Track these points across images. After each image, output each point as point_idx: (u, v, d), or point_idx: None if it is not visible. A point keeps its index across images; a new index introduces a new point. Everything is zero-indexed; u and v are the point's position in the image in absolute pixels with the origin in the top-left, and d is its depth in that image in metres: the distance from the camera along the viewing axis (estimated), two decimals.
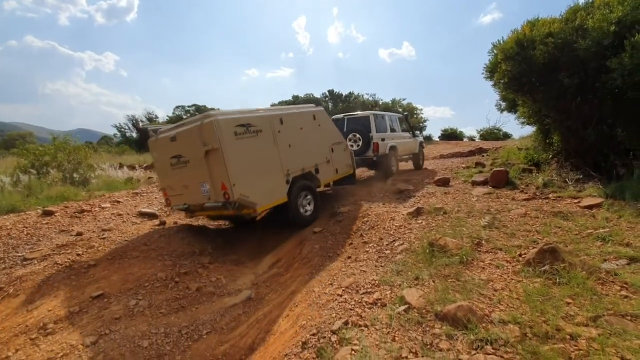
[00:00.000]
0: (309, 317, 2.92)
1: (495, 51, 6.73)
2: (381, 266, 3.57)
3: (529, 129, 9.41)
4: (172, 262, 4.84)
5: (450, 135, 31.39)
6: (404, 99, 37.18)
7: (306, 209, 6.00)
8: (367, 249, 4.24)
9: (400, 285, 2.98)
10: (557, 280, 2.66)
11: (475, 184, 6.84)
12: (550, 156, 7.27)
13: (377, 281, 3.18)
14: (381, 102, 37.62)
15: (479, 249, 3.51)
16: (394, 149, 9.31)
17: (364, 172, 10.14)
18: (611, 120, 5.76)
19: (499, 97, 8.16)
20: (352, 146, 8.46)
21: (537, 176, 6.40)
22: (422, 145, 11.57)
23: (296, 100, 36.54)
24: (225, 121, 4.72)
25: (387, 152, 8.98)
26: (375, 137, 8.66)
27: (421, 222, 4.69)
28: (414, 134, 11.13)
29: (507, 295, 2.56)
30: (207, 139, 4.65)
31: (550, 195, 5.32)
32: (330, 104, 38.59)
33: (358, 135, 8.69)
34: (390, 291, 2.93)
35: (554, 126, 6.91)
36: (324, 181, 6.55)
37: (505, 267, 3.05)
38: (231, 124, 4.79)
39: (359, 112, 9.56)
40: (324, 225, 5.63)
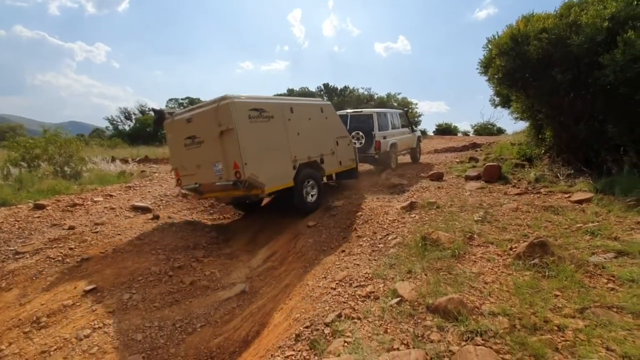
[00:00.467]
0: (303, 310, 2.95)
1: (490, 46, 6.75)
2: (375, 260, 3.61)
3: (522, 125, 9.51)
4: (165, 256, 4.83)
5: (445, 130, 31.51)
6: (399, 93, 37.17)
7: (310, 195, 6.23)
8: (360, 243, 4.28)
9: (393, 278, 3.02)
10: (547, 273, 2.71)
11: (468, 178, 6.90)
12: (543, 151, 7.35)
13: (370, 274, 3.21)
14: (376, 96, 37.56)
15: (470, 243, 3.55)
16: (394, 145, 9.60)
17: (361, 166, 10.20)
18: (602, 116, 5.82)
19: (493, 92, 8.19)
20: (354, 143, 8.57)
21: (529, 171, 6.48)
22: (419, 140, 11.90)
23: (291, 94, 36.32)
24: (240, 104, 4.97)
25: (388, 150, 9.27)
26: (378, 135, 8.93)
27: (415, 216, 4.73)
28: (413, 129, 11.43)
29: (497, 288, 2.61)
30: (223, 120, 4.89)
31: (542, 190, 5.39)
32: (325, 98, 38.45)
33: (361, 133, 8.96)
34: (383, 284, 2.96)
35: (547, 122, 6.97)
36: (328, 172, 6.81)
37: (496, 261, 3.10)
38: (246, 107, 5.05)
39: (363, 110, 9.78)
40: (318, 219, 5.65)
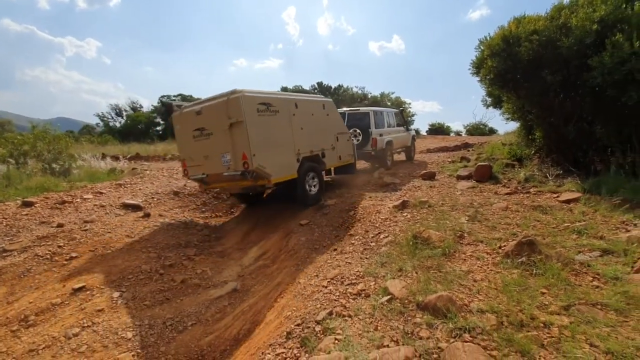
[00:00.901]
0: (294, 308, 2.96)
1: (482, 47, 6.81)
2: (366, 258, 3.63)
3: (513, 125, 9.65)
4: (156, 254, 4.80)
5: (438, 130, 31.75)
6: (392, 93, 37.28)
7: (312, 188, 6.49)
8: (352, 241, 4.29)
9: (384, 276, 3.04)
10: (534, 271, 2.76)
11: (460, 178, 6.97)
12: (533, 152, 7.45)
13: (361, 273, 3.23)
14: (370, 95, 37.64)
15: (461, 242, 3.59)
16: (390, 143, 9.86)
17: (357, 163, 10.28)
18: (591, 117, 5.92)
19: (485, 92, 8.27)
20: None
21: (519, 171, 6.57)
22: (414, 139, 12.24)
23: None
24: (250, 98, 5.21)
25: (384, 147, 9.52)
26: (375, 133, 9.19)
27: (406, 215, 4.76)
28: (407, 128, 11.77)
29: (486, 286, 2.64)
30: (233, 112, 5.10)
31: (531, 190, 5.47)
32: None
33: (358, 130, 9.17)
34: (374, 282, 2.98)
35: (537, 122, 7.07)
36: (328, 165, 7.09)
37: (486, 259, 3.14)
38: (254, 101, 5.30)
39: (360, 108, 10.05)
40: (310, 217, 5.66)
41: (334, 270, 3.51)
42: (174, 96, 36.19)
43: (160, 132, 33.56)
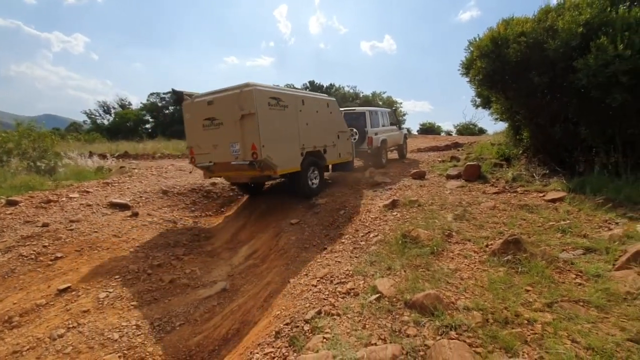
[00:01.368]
0: (284, 307, 2.96)
1: (471, 48, 6.89)
2: (356, 257, 3.64)
3: (502, 125, 9.81)
4: (144, 254, 4.74)
5: (428, 130, 32.05)
6: (384, 92, 37.46)
7: (313, 181, 6.75)
8: (342, 240, 4.31)
9: (373, 275, 3.06)
10: (519, 269, 2.81)
11: (449, 177, 7.05)
12: (520, 152, 7.58)
13: (351, 271, 3.24)
14: (362, 94, 37.74)
15: (449, 240, 3.64)
16: (384, 142, 10.14)
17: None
18: (576, 118, 6.05)
19: (475, 93, 8.38)
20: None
21: (507, 171, 6.67)
22: (406, 137, 12.68)
23: None
24: (262, 92, 5.43)
25: (379, 145, 9.77)
26: (370, 132, 9.45)
27: (396, 214, 4.80)
28: (400, 127, 12.15)
29: (472, 284, 2.68)
30: (245, 104, 5.29)
31: (519, 189, 5.56)
32: None
33: (355, 130, 9.35)
34: (363, 281, 3.00)
35: (524, 123, 7.19)
36: (329, 161, 7.35)
37: (473, 257, 3.19)
38: (266, 95, 5.52)
39: (356, 108, 10.33)
40: (301, 216, 5.66)
41: (323, 269, 3.52)
42: (164, 93, 35.74)
43: (150, 130, 33.10)
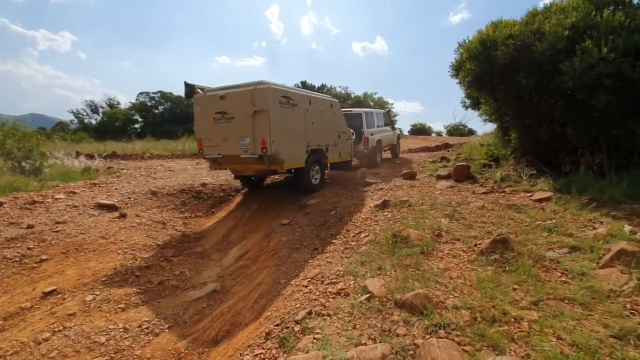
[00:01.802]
0: (274, 309, 2.94)
1: (461, 50, 6.97)
2: (346, 257, 3.65)
3: (491, 126, 9.98)
4: (132, 255, 4.67)
5: (419, 130, 32.29)
6: (375, 93, 37.68)
7: (315, 178, 7.02)
8: (333, 241, 4.31)
9: (363, 275, 3.06)
10: (507, 268, 2.85)
11: (439, 177, 7.11)
12: (509, 152, 7.69)
13: (341, 272, 3.24)
14: (353, 95, 37.88)
15: (439, 240, 3.67)
16: (379, 142, 10.48)
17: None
18: (562, 120, 6.17)
19: (464, 94, 8.49)
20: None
21: (495, 171, 6.76)
22: (398, 138, 13.16)
23: None
24: (274, 90, 5.70)
25: (375, 145, 10.10)
26: (366, 132, 9.75)
27: (387, 214, 4.82)
28: (393, 128, 12.53)
29: (461, 283, 2.71)
30: (258, 101, 5.54)
31: (507, 189, 5.65)
32: None
33: (351, 130, 9.48)
34: (354, 281, 3.00)
35: (512, 124, 7.30)
36: (330, 160, 7.63)
37: (462, 257, 3.22)
38: (278, 94, 5.79)
39: (353, 109, 10.66)
40: (292, 217, 5.64)
41: (314, 269, 3.51)
42: (154, 92, 35.33)
43: (139, 130, 32.66)
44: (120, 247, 4.83)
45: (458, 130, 27.91)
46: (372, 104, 34.86)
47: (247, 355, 2.34)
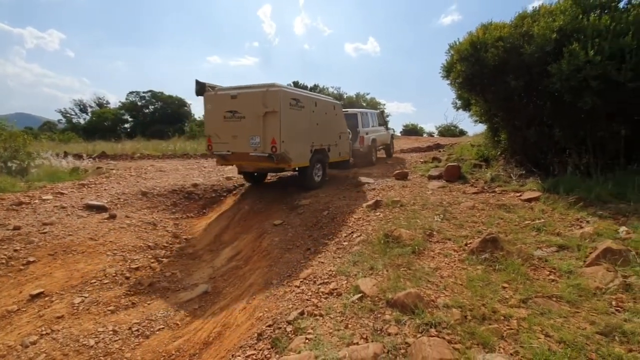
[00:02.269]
0: (266, 309, 2.93)
1: (452, 52, 7.05)
2: (339, 257, 3.66)
3: (481, 127, 10.12)
4: (122, 257, 4.60)
5: (411, 131, 32.54)
6: (367, 94, 37.82)
7: (317, 176, 7.31)
8: (326, 241, 4.32)
9: (356, 275, 3.07)
10: (496, 267, 2.89)
11: (431, 178, 7.18)
12: (499, 153, 7.80)
13: (334, 272, 3.25)
14: (345, 95, 37.96)
15: (430, 240, 3.71)
16: (374, 141, 10.83)
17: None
18: (550, 121, 6.28)
19: (455, 95, 8.58)
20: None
21: (486, 171, 6.85)
22: (392, 137, 13.52)
23: None
24: (285, 93, 6.00)
25: (370, 144, 10.44)
26: (362, 132, 10.06)
27: (379, 214, 4.85)
28: (387, 128, 13.01)
29: (452, 282, 2.74)
30: (270, 103, 5.78)
31: (497, 189, 5.73)
32: None
33: (348, 130, 9.70)
34: (346, 281, 3.01)
35: (502, 125, 7.41)
36: (331, 159, 7.88)
37: (453, 256, 3.26)
38: (288, 96, 6.08)
39: (349, 109, 10.88)
40: (284, 217, 5.63)
41: (306, 270, 3.51)
42: (144, 92, 34.91)
43: (129, 130, 32.23)
44: (110, 249, 4.76)
45: (449, 131, 28.18)
46: (364, 104, 35.00)
47: (239, 356, 2.33)
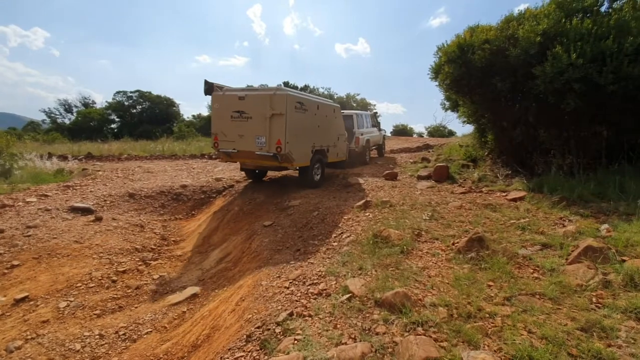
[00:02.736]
0: (255, 311, 2.92)
1: (440, 53, 7.15)
2: (328, 258, 3.67)
3: (470, 128, 10.29)
4: (108, 260, 4.53)
5: (401, 132, 32.82)
6: (358, 94, 37.98)
7: (317, 174, 7.62)
8: (315, 242, 4.33)
9: (345, 275, 3.09)
10: (482, 266, 2.95)
11: (420, 178, 7.27)
12: (486, 153, 7.94)
13: (323, 272, 3.26)
14: (336, 96, 38.06)
15: (418, 239, 3.75)
16: (368, 141, 11.29)
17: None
18: (535, 122, 6.42)
19: (444, 97, 8.69)
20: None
21: (473, 171, 6.97)
22: (384, 138, 14.09)
23: None
24: (291, 96, 6.30)
25: (364, 144, 10.85)
26: (357, 132, 10.43)
27: (369, 214, 4.88)
28: (379, 129, 13.37)
29: (439, 281, 2.78)
30: (276, 106, 6.11)
31: (484, 189, 5.83)
32: None
33: (345, 132, 10.06)
34: (335, 282, 3.02)
35: (489, 126, 7.54)
36: (329, 160, 8.21)
37: (440, 255, 3.31)
38: (294, 100, 6.40)
39: (344, 111, 11.06)
40: (274, 218, 5.62)
41: (296, 270, 3.51)
42: (131, 92, 34.35)
43: (116, 130, 31.69)
44: (96, 252, 4.68)
45: (438, 132, 28.54)
46: (354, 105, 35.16)
47: (228, 358, 2.32)
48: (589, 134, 5.75)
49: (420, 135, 32.48)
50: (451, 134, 27.66)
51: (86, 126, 30.13)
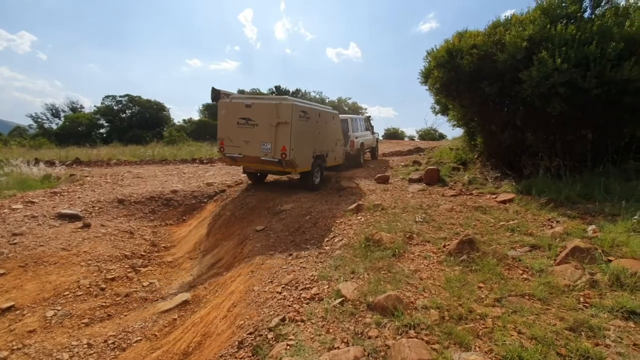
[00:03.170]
0: (247, 317, 2.90)
1: (429, 58, 7.24)
2: (321, 262, 3.66)
3: (460, 131, 10.43)
4: (97, 267, 4.45)
5: (393, 135, 33.05)
6: (349, 98, 38.21)
7: (316, 178, 7.86)
8: (308, 246, 4.32)
9: (337, 279, 3.09)
10: (473, 268, 2.98)
11: (411, 181, 7.33)
12: (475, 156, 8.05)
13: (316, 277, 3.25)
14: (327, 100, 38.21)
15: (410, 242, 3.78)
16: (362, 144, 11.62)
17: None
18: (523, 125, 6.54)
19: (434, 100, 8.79)
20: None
21: (463, 174, 7.06)
22: (377, 141, 14.47)
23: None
24: (296, 106, 6.64)
25: (359, 148, 11.19)
26: (352, 136, 10.76)
27: (361, 218, 4.90)
28: (373, 132, 13.80)
29: (430, 284, 2.80)
30: (282, 114, 6.43)
31: (474, 192, 5.90)
32: None
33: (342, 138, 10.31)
34: (327, 286, 3.02)
35: (478, 129, 7.66)
36: (328, 164, 8.53)
37: (431, 258, 3.33)
38: (298, 109, 6.74)
39: (341, 115, 11.25)
40: (266, 223, 5.60)
41: (288, 275, 3.50)
42: (121, 96, 33.91)
43: (105, 135, 31.23)
44: (84, 259, 4.59)
45: (429, 135, 28.82)
46: (346, 108, 35.33)
47: None
48: (575, 137, 5.88)
49: (411, 138, 32.76)
50: (442, 137, 27.98)
51: (74, 131, 29.63)
